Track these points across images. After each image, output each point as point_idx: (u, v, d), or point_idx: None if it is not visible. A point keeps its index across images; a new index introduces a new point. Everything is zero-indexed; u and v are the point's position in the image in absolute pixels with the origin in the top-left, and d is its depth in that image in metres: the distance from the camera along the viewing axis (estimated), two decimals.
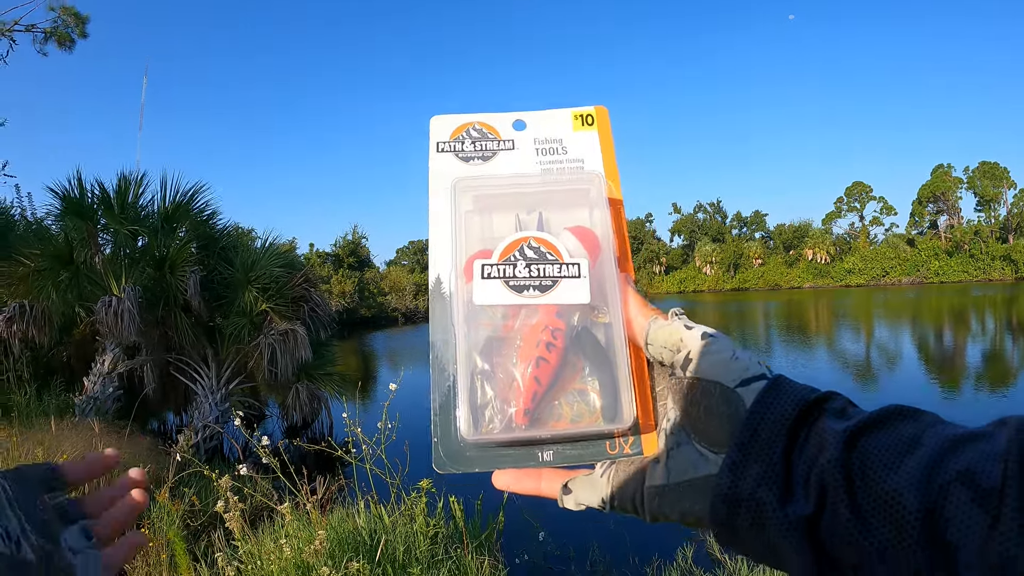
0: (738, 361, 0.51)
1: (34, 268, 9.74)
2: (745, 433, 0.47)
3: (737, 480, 0.46)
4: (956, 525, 0.37)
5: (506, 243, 0.59)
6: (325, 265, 46.41)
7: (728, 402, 0.50)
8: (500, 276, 0.57)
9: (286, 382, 10.36)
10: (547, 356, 0.55)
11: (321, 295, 11.82)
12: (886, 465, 0.41)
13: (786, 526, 0.43)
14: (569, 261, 0.58)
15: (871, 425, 0.44)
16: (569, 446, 0.56)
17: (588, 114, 0.69)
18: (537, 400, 0.55)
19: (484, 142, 0.67)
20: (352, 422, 4.18)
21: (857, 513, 0.40)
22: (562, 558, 5.87)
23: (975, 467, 0.37)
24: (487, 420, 0.55)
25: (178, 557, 3.89)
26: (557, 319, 0.57)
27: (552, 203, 0.64)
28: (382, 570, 3.65)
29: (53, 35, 19.23)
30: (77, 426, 7.15)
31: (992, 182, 74.17)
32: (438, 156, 0.66)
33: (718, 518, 0.48)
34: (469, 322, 0.57)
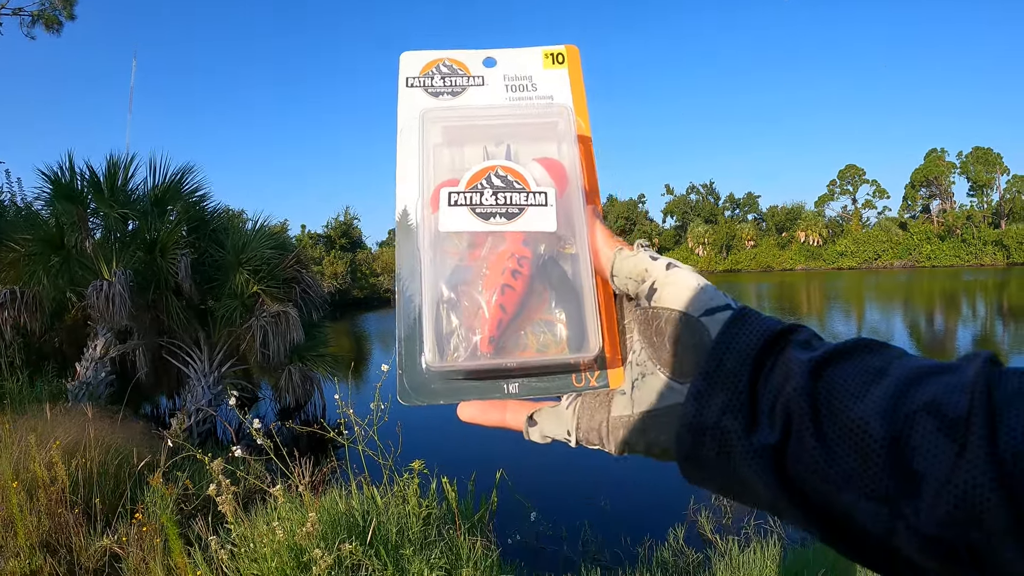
0: (703, 291, 0.51)
1: (24, 253, 9.68)
2: (710, 362, 0.47)
3: (702, 409, 0.46)
4: (922, 453, 0.37)
5: (473, 172, 0.59)
6: (317, 246, 46.30)
7: (693, 331, 0.50)
8: (467, 203, 0.57)
9: (278, 364, 10.36)
10: (513, 284, 0.55)
11: (313, 277, 11.79)
12: (852, 394, 0.41)
13: (751, 455, 0.43)
14: (536, 190, 0.58)
15: (837, 356, 0.44)
16: (535, 378, 0.56)
17: (559, 53, 0.68)
18: (503, 328, 0.55)
19: (454, 77, 0.67)
20: (344, 403, 4.18)
21: (822, 441, 0.40)
22: (554, 538, 5.91)
23: (941, 398, 0.37)
24: (452, 349, 0.55)
25: (171, 541, 3.90)
26: (523, 247, 0.56)
27: (521, 136, 0.63)
28: (375, 551, 3.66)
29: (40, 18, 19.05)
30: (70, 412, 7.14)
31: (985, 167, 74.23)
32: (407, 91, 0.66)
33: (683, 448, 0.48)
34: (435, 250, 0.57)
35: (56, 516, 4.70)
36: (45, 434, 5.58)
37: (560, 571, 4.77)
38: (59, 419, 6.46)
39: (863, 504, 0.39)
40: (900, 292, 42.03)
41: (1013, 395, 0.36)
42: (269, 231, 11.17)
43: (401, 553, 3.73)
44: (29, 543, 4.43)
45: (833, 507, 0.41)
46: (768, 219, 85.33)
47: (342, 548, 3.35)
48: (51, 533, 4.63)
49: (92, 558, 4.52)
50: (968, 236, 71.98)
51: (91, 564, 4.49)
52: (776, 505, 0.44)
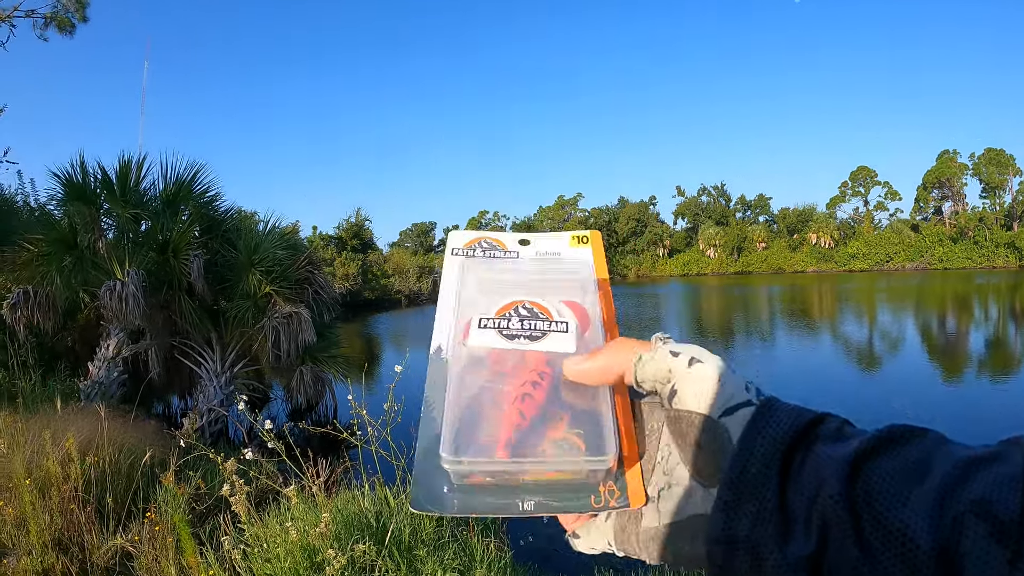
0: (723, 387, 0.49)
1: (38, 253, 9.75)
2: (734, 469, 0.45)
3: (731, 521, 0.44)
4: (973, 562, 0.34)
5: (503, 303, 0.64)
6: (328, 248, 46.50)
7: (713, 435, 0.48)
8: (495, 327, 0.62)
9: (290, 365, 10.38)
10: (532, 393, 0.57)
11: (325, 277, 11.80)
12: (894, 497, 0.38)
13: (785, 567, 0.41)
14: (558, 319, 0.62)
15: (873, 450, 0.41)
16: (552, 497, 0.56)
17: (584, 236, 0.76)
18: (520, 432, 0.55)
19: (492, 251, 0.74)
20: (357, 404, 4.18)
21: (866, 552, 0.37)
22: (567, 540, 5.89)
23: (990, 496, 0.35)
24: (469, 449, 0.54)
25: (184, 541, 3.90)
26: (546, 366, 0.59)
27: (548, 289, 0.67)
28: (388, 552, 3.66)
29: (53, 20, 19.17)
30: (83, 411, 7.17)
31: (998, 169, 73.85)
32: (452, 257, 0.74)
33: (715, 561, 0.45)
34: (463, 370, 0.60)
35: (68, 514, 4.72)
36: (58, 433, 5.60)
37: (573, 573, 4.75)
38: (71, 418, 6.49)
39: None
40: (912, 295, 41.84)
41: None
42: (281, 232, 11.19)
43: (415, 554, 3.72)
44: (42, 541, 4.45)
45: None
46: (779, 221, 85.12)
47: (356, 548, 3.34)
48: (63, 531, 4.65)
49: (104, 556, 4.53)
50: (980, 238, 71.58)
51: (103, 562, 4.50)
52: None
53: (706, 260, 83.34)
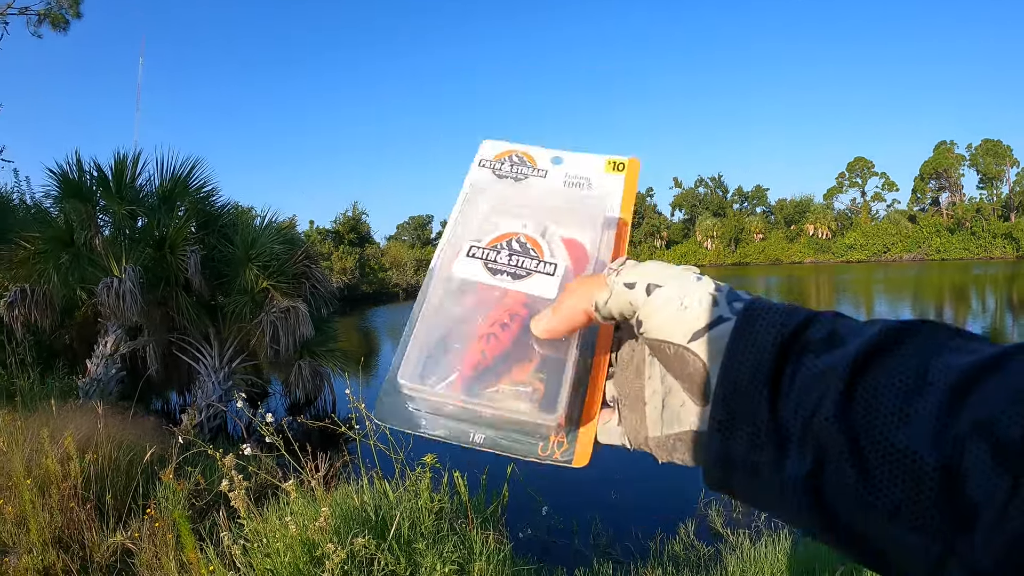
0: (687, 311, 0.48)
1: (34, 251, 9.73)
2: (722, 389, 0.44)
3: (727, 442, 0.44)
4: (974, 482, 0.33)
5: (498, 233, 0.65)
6: (326, 242, 46.46)
7: (684, 362, 0.47)
8: (482, 258, 0.62)
9: (288, 359, 10.37)
10: (499, 335, 0.57)
11: (322, 272, 11.78)
12: (893, 416, 0.36)
13: (784, 486, 0.41)
14: (548, 260, 0.62)
15: (867, 361, 0.39)
16: (503, 434, 0.58)
17: (621, 163, 0.73)
18: (478, 371, 0.56)
19: (521, 167, 0.74)
20: (355, 398, 4.18)
21: (864, 473, 0.37)
22: (566, 532, 5.91)
23: (994, 415, 0.33)
24: (428, 375, 0.57)
25: (184, 537, 3.91)
26: (521, 307, 0.59)
27: (559, 221, 0.67)
28: (388, 546, 3.66)
29: (47, 17, 19.11)
30: (81, 408, 7.17)
31: (995, 160, 73.86)
32: (477, 169, 0.74)
33: (715, 479, 0.46)
34: (445, 290, 0.62)
35: (68, 512, 4.72)
36: (57, 430, 5.59)
37: (572, 565, 4.76)
38: (70, 415, 6.49)
39: (912, 538, 0.35)
40: (909, 285, 41.88)
41: None
42: (278, 227, 11.16)
43: (414, 547, 3.73)
44: (42, 539, 4.45)
45: (876, 537, 0.37)
46: (777, 212, 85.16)
47: (355, 543, 3.34)
48: (64, 529, 4.65)
49: (105, 554, 4.53)
50: (977, 229, 71.64)
51: (104, 560, 4.50)
52: (812, 530, 0.41)
53: (703, 251, 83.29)
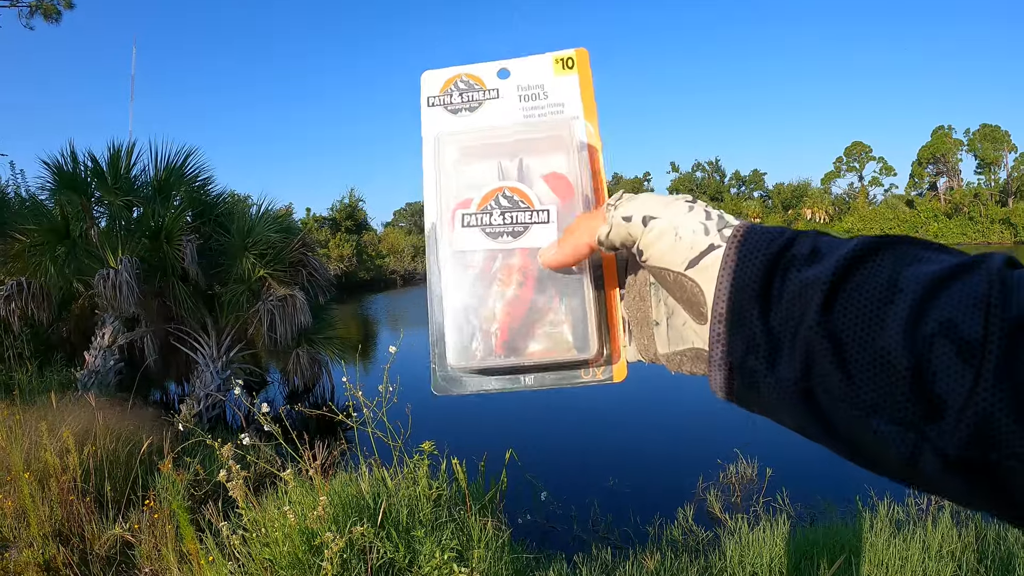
0: (681, 241, 0.52)
1: (30, 244, 9.71)
2: (717, 306, 0.49)
3: (726, 352, 0.48)
4: (942, 378, 0.36)
5: (483, 193, 0.65)
6: (322, 229, 46.27)
7: (683, 287, 0.52)
8: (478, 224, 0.64)
9: (286, 348, 10.37)
10: (519, 293, 0.62)
11: (319, 259, 11.76)
12: (870, 322, 0.40)
13: (778, 387, 0.45)
14: (539, 208, 0.63)
15: (847, 271, 0.43)
16: (547, 373, 0.63)
17: (568, 57, 0.72)
18: (512, 333, 0.62)
19: (471, 93, 0.72)
20: (353, 386, 4.18)
21: (847, 374, 0.40)
22: (564, 517, 5.93)
23: (956, 316, 0.37)
24: (472, 350, 0.62)
25: (183, 528, 3.91)
26: (530, 260, 0.63)
27: (532, 149, 0.68)
28: (386, 534, 3.67)
29: (39, 8, 19.04)
30: (79, 400, 7.17)
31: (993, 145, 73.66)
32: (429, 111, 0.72)
33: (716, 384, 0.50)
34: (455, 264, 0.64)
35: (68, 505, 4.73)
36: (55, 423, 5.60)
37: (571, 550, 4.78)
38: (69, 408, 6.49)
39: (890, 429, 0.39)
40: None
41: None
42: (274, 215, 11.12)
43: (412, 535, 3.73)
44: (42, 533, 4.46)
45: (861, 432, 0.41)
46: (774, 197, 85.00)
47: (353, 531, 3.35)
48: (63, 522, 4.66)
49: (104, 546, 4.55)
50: (975, 214, 71.55)
51: (104, 552, 4.52)
52: (805, 431, 0.46)
53: None
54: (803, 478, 6.39)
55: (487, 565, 3.74)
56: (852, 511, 5.21)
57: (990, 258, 0.40)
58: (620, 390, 12.69)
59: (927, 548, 4.17)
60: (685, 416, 9.83)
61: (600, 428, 9.29)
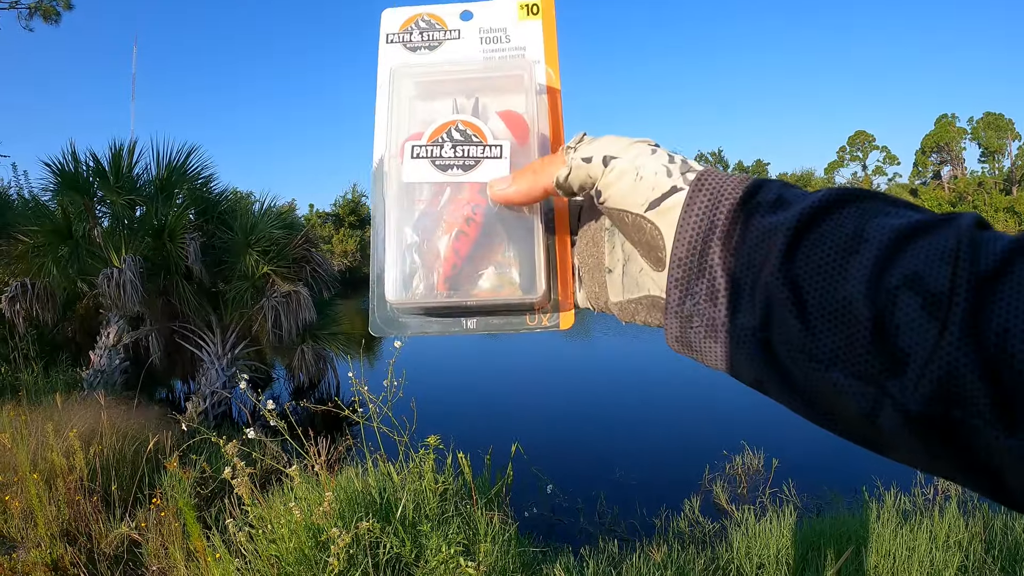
0: (642, 181, 0.50)
1: (33, 245, 9.70)
2: (676, 250, 0.47)
3: (683, 297, 0.47)
4: (905, 332, 0.36)
5: (435, 126, 0.63)
6: (326, 225, 46.22)
7: (641, 229, 0.51)
8: (428, 156, 0.61)
9: (291, 344, 10.36)
10: (466, 229, 0.60)
11: (323, 255, 11.74)
12: (831, 272, 0.39)
13: (736, 336, 0.44)
14: (492, 143, 0.61)
15: (811, 221, 0.42)
16: (492, 316, 0.62)
17: (534, 4, 0.71)
18: (456, 270, 0.59)
19: (431, 32, 0.70)
20: (358, 381, 4.18)
21: (807, 324, 0.40)
22: (570, 510, 5.93)
23: (923, 270, 0.36)
24: (413, 287, 0.59)
25: (189, 525, 3.92)
26: (479, 196, 0.60)
27: (490, 88, 0.66)
28: (392, 529, 3.67)
29: (38, 10, 19.06)
30: (85, 400, 7.19)
31: (997, 133, 73.28)
32: (387, 47, 0.70)
33: (672, 333, 0.49)
34: (401, 198, 0.62)
35: (75, 505, 4.74)
36: (62, 423, 5.61)
37: (577, 543, 4.78)
38: (75, 408, 6.51)
39: (850, 382, 0.38)
40: None
41: (999, 265, 0.35)
42: (277, 211, 11.09)
43: (419, 529, 3.73)
44: (49, 533, 4.47)
45: (819, 385, 0.40)
46: None
47: (359, 526, 3.35)
48: (70, 522, 4.67)
49: (111, 545, 4.56)
50: (979, 203, 71.27)
51: (111, 551, 4.53)
52: (762, 385, 0.45)
53: None
54: (809, 469, 6.39)
55: (494, 559, 3.74)
56: (859, 502, 5.20)
57: (960, 216, 0.39)
58: (625, 382, 12.68)
59: (934, 538, 4.16)
60: (691, 408, 9.84)
61: (606, 421, 9.28)
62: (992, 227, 0.39)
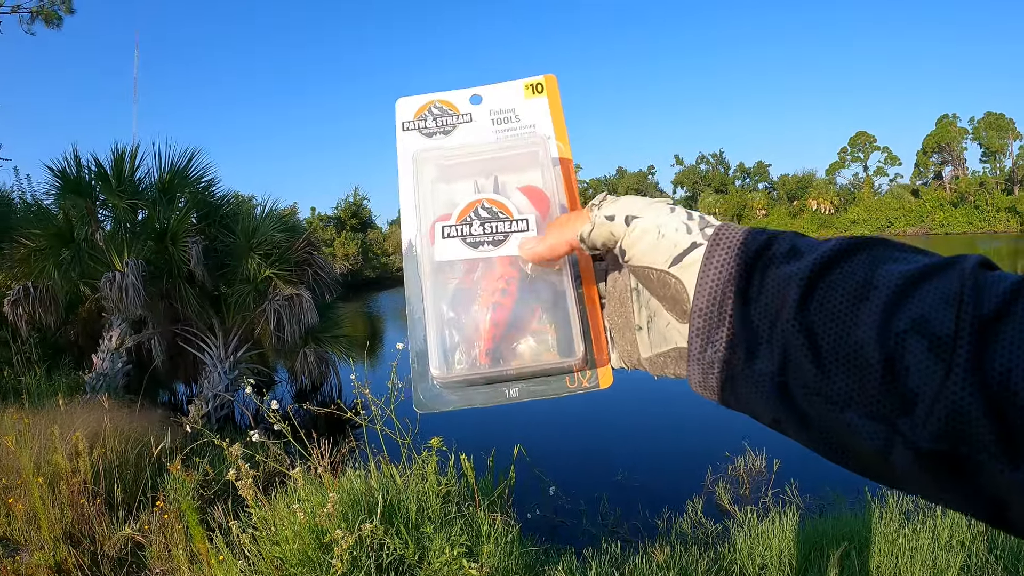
0: (664, 239, 0.53)
1: (35, 248, 9.71)
2: (697, 302, 0.50)
3: (705, 346, 0.49)
4: (914, 373, 0.37)
5: (462, 207, 0.66)
6: (327, 228, 46.18)
7: (666, 285, 0.53)
8: (458, 235, 0.64)
9: (293, 347, 10.39)
10: (502, 301, 0.62)
11: (325, 258, 11.77)
12: (843, 318, 0.42)
13: (755, 381, 0.46)
14: (518, 217, 0.64)
15: (823, 268, 0.44)
16: (533, 383, 0.63)
17: (538, 83, 0.74)
18: (496, 341, 0.61)
19: (444, 117, 0.74)
20: (361, 383, 4.18)
21: (821, 367, 0.42)
22: (573, 512, 5.93)
23: (928, 313, 0.38)
24: (456, 361, 0.62)
25: (192, 528, 3.93)
26: (511, 269, 0.63)
27: (507, 166, 0.69)
28: (395, 530, 3.68)
29: (40, 14, 19.10)
30: (88, 403, 7.19)
31: (998, 133, 73.24)
32: (404, 135, 0.74)
33: (695, 380, 0.51)
34: (435, 277, 0.64)
35: (78, 507, 4.74)
36: (65, 426, 5.62)
37: (580, 544, 4.78)
38: (78, 411, 6.51)
39: (863, 422, 0.40)
40: None
41: (1001, 307, 0.37)
42: (279, 215, 11.11)
43: (422, 531, 3.74)
44: (53, 535, 4.48)
45: (835, 426, 0.42)
46: (779, 188, 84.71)
47: (363, 528, 3.36)
48: (74, 524, 4.68)
49: (115, 547, 4.56)
50: (981, 203, 71.18)
51: (114, 553, 4.53)
52: (781, 425, 0.47)
53: None
54: (811, 469, 6.38)
55: (497, 560, 3.74)
56: (861, 502, 5.19)
57: (964, 259, 0.41)
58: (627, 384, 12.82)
59: (937, 538, 4.16)
60: (693, 409, 9.82)
61: (608, 422, 9.27)
62: (998, 267, 0.41)
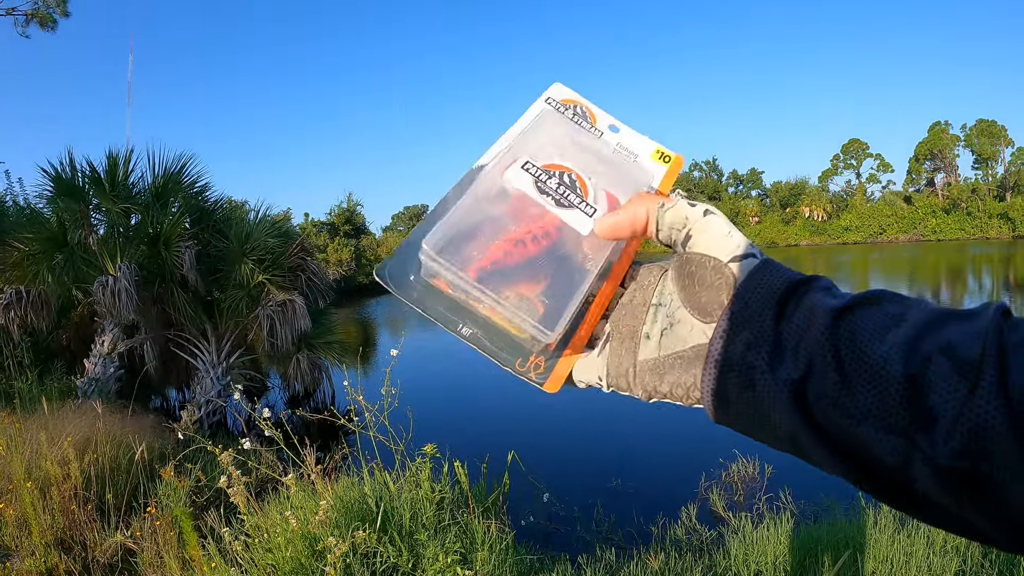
0: (731, 239, 0.55)
1: (28, 252, 9.68)
2: (736, 303, 0.51)
3: (728, 345, 0.49)
4: (937, 390, 0.38)
5: (553, 160, 0.66)
6: (321, 234, 46.06)
7: (719, 274, 0.53)
8: (534, 175, 0.64)
9: (286, 353, 10.35)
10: (528, 244, 0.60)
11: (318, 264, 11.76)
12: (872, 336, 0.43)
13: (775, 388, 0.46)
14: (591, 203, 0.63)
15: (859, 303, 0.46)
16: (489, 338, 0.60)
17: (668, 155, 0.74)
18: (495, 268, 0.58)
19: (581, 119, 0.73)
20: (354, 390, 4.16)
21: (844, 378, 0.42)
22: (567, 519, 5.92)
23: (956, 341, 0.39)
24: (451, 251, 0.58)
25: (185, 534, 3.90)
26: (554, 231, 0.61)
27: (607, 175, 0.68)
28: (389, 538, 3.66)
29: (35, 17, 19.04)
30: (80, 408, 7.16)
31: (990, 140, 73.80)
32: (542, 103, 0.74)
33: (708, 383, 0.50)
34: (486, 195, 0.63)
35: (69, 513, 4.71)
36: (55, 431, 5.58)
37: (574, 551, 4.77)
38: (69, 416, 6.48)
39: (881, 436, 0.40)
40: (906, 266, 42.03)
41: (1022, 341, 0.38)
42: (272, 220, 11.09)
43: (415, 538, 3.72)
44: (44, 541, 4.44)
45: (852, 440, 0.42)
46: (772, 195, 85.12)
47: (356, 535, 3.34)
48: (65, 531, 4.65)
49: (106, 553, 4.53)
50: (973, 209, 71.60)
51: (105, 559, 4.50)
52: (797, 439, 0.46)
53: None
54: (805, 475, 6.38)
55: (491, 567, 3.73)
56: (855, 507, 5.20)
57: (989, 305, 0.42)
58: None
59: (931, 543, 4.16)
60: (686, 416, 9.82)
61: (602, 429, 9.26)
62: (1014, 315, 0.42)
